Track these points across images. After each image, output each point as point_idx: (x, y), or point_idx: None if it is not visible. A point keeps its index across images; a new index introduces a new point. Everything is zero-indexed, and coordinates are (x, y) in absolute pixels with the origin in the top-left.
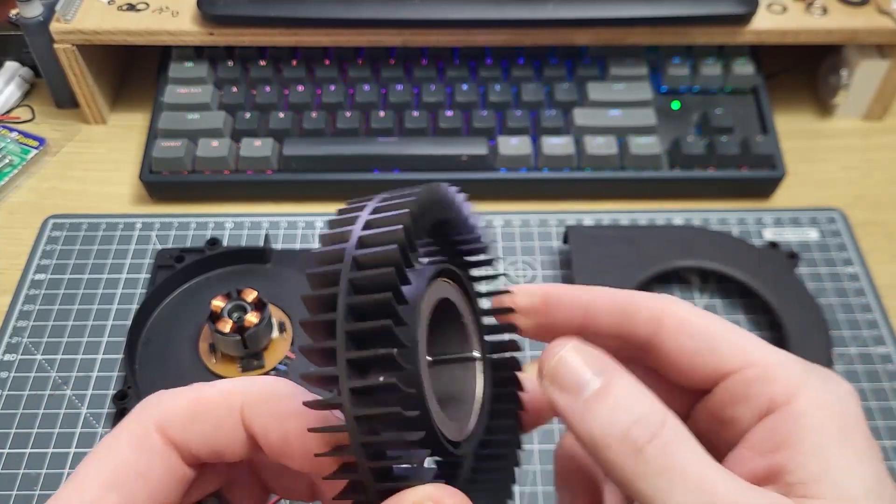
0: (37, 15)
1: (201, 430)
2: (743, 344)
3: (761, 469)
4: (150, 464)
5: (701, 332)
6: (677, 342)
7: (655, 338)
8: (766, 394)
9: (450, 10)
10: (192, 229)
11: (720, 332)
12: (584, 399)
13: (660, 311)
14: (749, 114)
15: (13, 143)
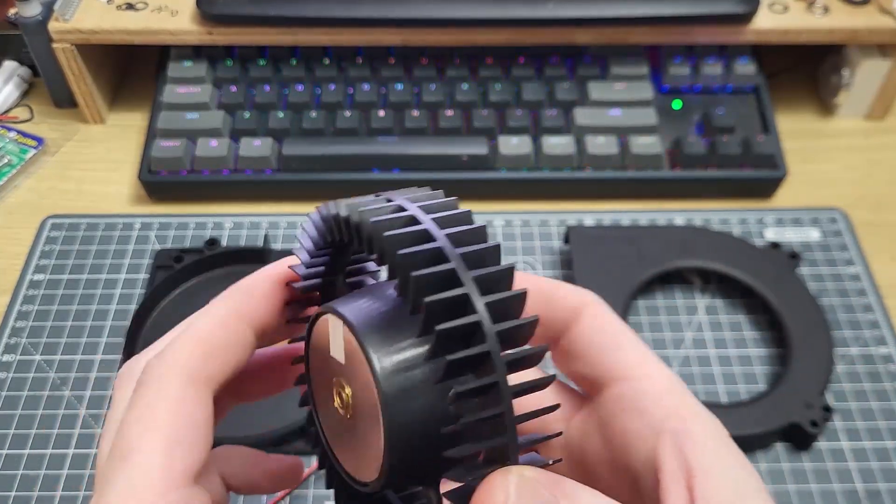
0: (35, 14)
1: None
2: (647, 357)
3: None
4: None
5: (614, 332)
6: (589, 334)
7: (572, 325)
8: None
9: (450, 9)
10: (191, 229)
11: (630, 338)
12: None
13: (581, 303)
14: (750, 113)
15: (12, 143)
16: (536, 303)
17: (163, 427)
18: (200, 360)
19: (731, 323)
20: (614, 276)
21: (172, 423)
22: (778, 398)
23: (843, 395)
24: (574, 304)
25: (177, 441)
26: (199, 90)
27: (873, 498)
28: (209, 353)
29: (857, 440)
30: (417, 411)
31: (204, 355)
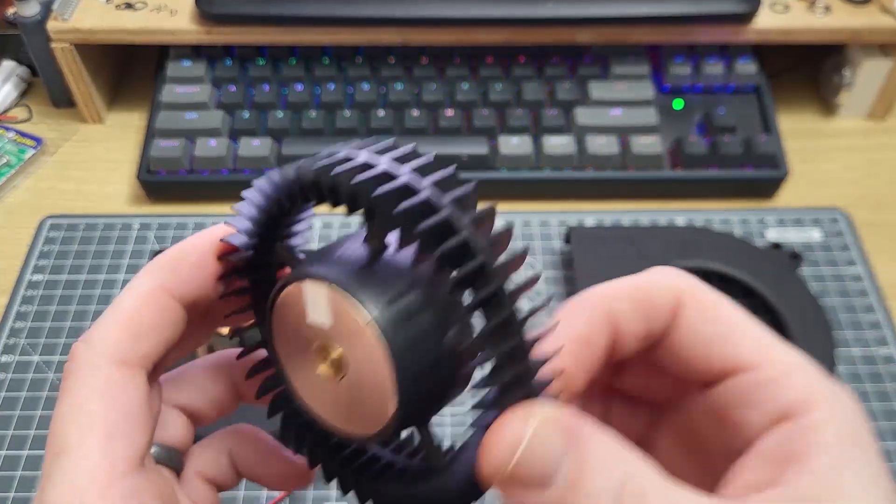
0: (34, 14)
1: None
2: (764, 341)
3: (766, 480)
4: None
5: (723, 320)
6: (696, 327)
7: (674, 322)
8: (780, 400)
9: (450, 8)
10: (190, 229)
11: (742, 324)
12: (559, 492)
13: (678, 298)
14: (751, 113)
15: (10, 143)
16: (631, 309)
17: (97, 419)
18: (129, 342)
19: None
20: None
21: (106, 413)
22: None
23: None
24: (671, 299)
25: (113, 432)
26: (198, 90)
27: None
28: (138, 334)
29: None
30: (423, 353)
31: (132, 336)
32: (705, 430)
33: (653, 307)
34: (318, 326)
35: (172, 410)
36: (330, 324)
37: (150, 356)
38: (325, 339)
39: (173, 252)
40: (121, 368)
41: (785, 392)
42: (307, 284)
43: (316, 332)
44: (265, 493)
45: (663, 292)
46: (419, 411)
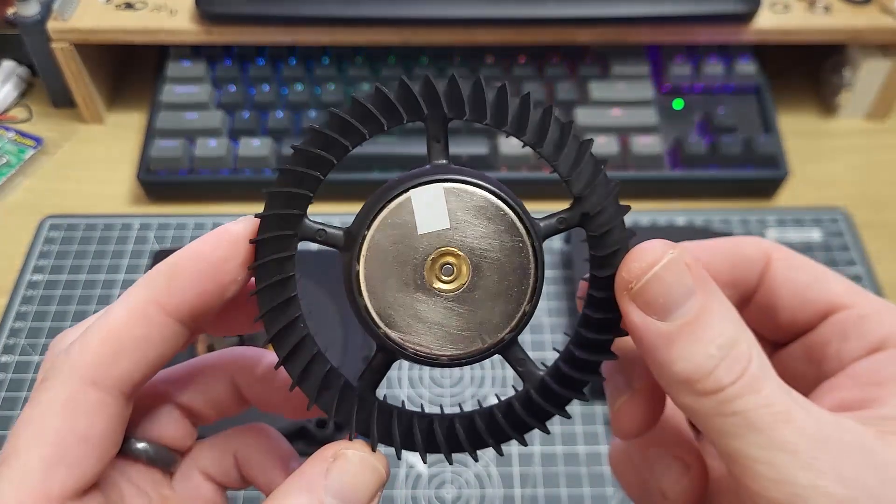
0: (34, 14)
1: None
2: (851, 284)
3: (856, 398)
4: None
5: (811, 267)
6: (788, 276)
7: (766, 274)
8: (878, 332)
9: (450, 8)
10: (189, 229)
11: (828, 273)
12: (672, 326)
13: (766, 249)
14: (752, 113)
15: (10, 143)
16: (725, 268)
17: (50, 438)
18: (108, 360)
19: None
20: None
21: (62, 433)
22: None
23: None
24: (760, 255)
25: (62, 456)
26: (197, 90)
27: None
28: (119, 351)
29: None
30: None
31: (111, 355)
32: (800, 372)
33: (743, 260)
34: (436, 231)
35: (170, 408)
36: (448, 225)
37: (130, 377)
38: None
39: (170, 262)
40: (91, 389)
41: (881, 326)
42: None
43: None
44: None
45: (752, 248)
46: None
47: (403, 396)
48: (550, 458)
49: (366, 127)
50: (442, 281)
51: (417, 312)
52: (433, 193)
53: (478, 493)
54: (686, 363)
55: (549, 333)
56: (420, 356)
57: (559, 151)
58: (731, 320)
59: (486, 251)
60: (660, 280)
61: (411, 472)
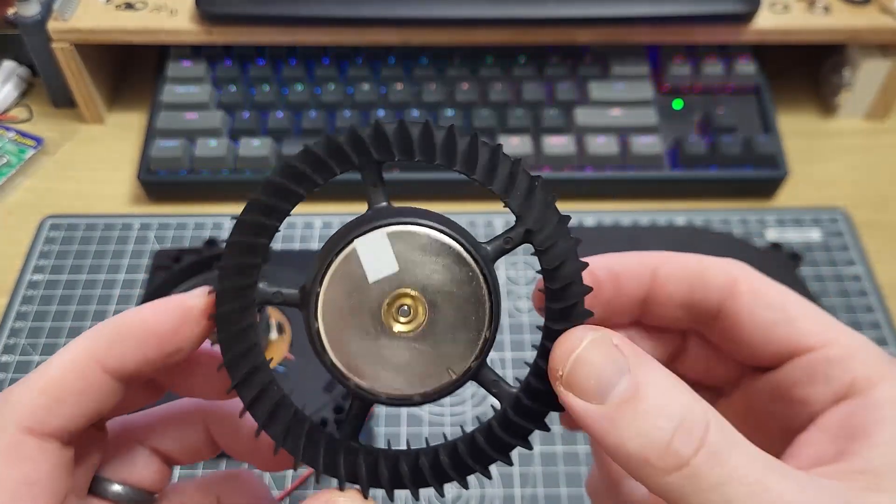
0: (34, 14)
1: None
2: (823, 321)
3: (829, 453)
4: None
5: (779, 303)
6: (752, 311)
7: (728, 305)
8: (845, 377)
9: (450, 9)
10: (190, 229)
11: (799, 306)
12: (611, 406)
13: (733, 278)
14: (751, 113)
15: (10, 143)
16: (681, 287)
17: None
18: (44, 410)
19: None
20: None
21: (7, 481)
22: None
23: None
24: (724, 281)
25: (10, 501)
26: (198, 90)
27: None
28: (55, 403)
29: None
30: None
31: (49, 404)
32: (764, 409)
33: (703, 282)
34: (382, 276)
35: (143, 450)
36: (396, 269)
37: (68, 426)
38: (400, 287)
39: (117, 323)
40: (30, 436)
41: (848, 370)
42: (369, 237)
43: (382, 286)
44: None
45: (716, 272)
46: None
47: (403, 416)
48: (550, 458)
49: (301, 187)
50: (401, 323)
51: (383, 358)
52: (377, 240)
53: (478, 493)
54: (637, 440)
55: (529, 333)
56: (394, 399)
57: (493, 175)
58: (675, 390)
59: (438, 287)
60: (585, 363)
61: None
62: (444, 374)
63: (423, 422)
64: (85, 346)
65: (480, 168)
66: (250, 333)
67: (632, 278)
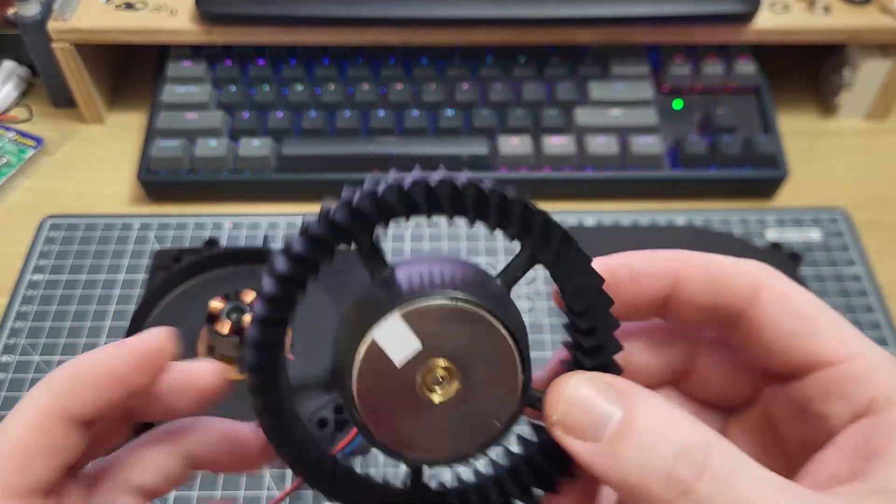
0: (34, 14)
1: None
2: (846, 335)
3: (846, 472)
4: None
5: (803, 313)
6: (775, 319)
7: (750, 312)
8: (865, 395)
9: (450, 9)
10: (190, 229)
11: (822, 316)
12: (608, 442)
13: (758, 283)
14: (751, 113)
15: (10, 143)
16: (703, 290)
17: None
18: (16, 474)
19: None
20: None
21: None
22: None
23: None
24: (748, 285)
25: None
26: (198, 90)
27: None
28: (26, 463)
29: None
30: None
31: (20, 467)
32: (781, 424)
33: (725, 284)
34: (411, 357)
35: (125, 489)
36: (419, 346)
37: (42, 482)
38: (423, 370)
39: (73, 369)
40: (9, 500)
41: (869, 388)
42: (378, 332)
43: (411, 367)
44: (265, 492)
45: (741, 275)
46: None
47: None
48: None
49: (305, 273)
50: (438, 393)
51: (432, 428)
52: (393, 326)
53: None
54: (638, 472)
55: (549, 334)
56: (451, 460)
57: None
58: (672, 417)
59: (463, 349)
60: (577, 402)
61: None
62: (493, 426)
63: None
64: (43, 399)
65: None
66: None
67: (652, 278)
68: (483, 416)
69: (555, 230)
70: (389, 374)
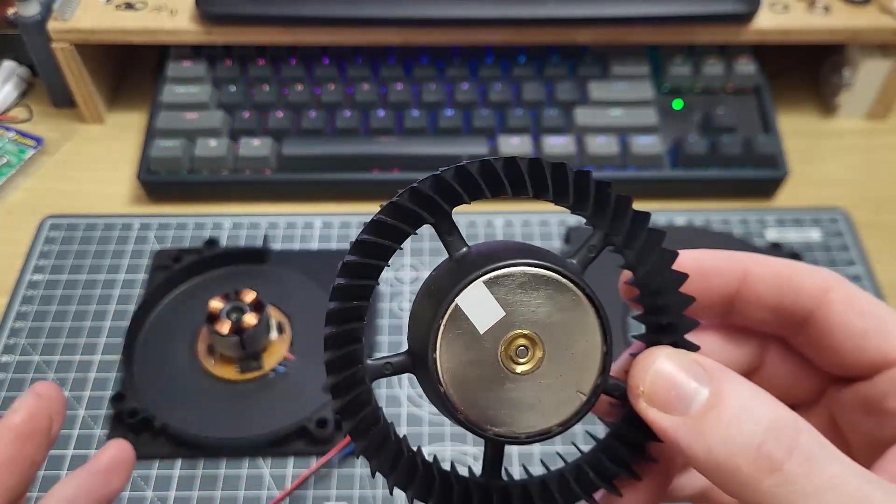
0: (34, 14)
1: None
2: None
3: None
4: None
5: (872, 312)
6: (845, 319)
7: (819, 312)
8: None
9: (450, 8)
10: (190, 229)
11: (892, 317)
12: (695, 416)
13: (826, 285)
14: (751, 113)
15: (10, 143)
16: (772, 290)
17: None
18: None
19: None
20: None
21: None
22: None
23: None
24: (817, 288)
25: None
26: (198, 90)
27: None
28: None
29: None
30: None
31: None
32: (851, 422)
33: (794, 286)
34: (495, 324)
35: None
36: (503, 313)
37: None
38: (507, 337)
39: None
40: None
41: None
42: (463, 297)
43: (494, 333)
44: (265, 492)
45: (810, 278)
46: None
47: (403, 416)
48: (551, 458)
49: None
50: (521, 363)
51: (513, 400)
52: (477, 292)
53: None
54: (726, 447)
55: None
56: (533, 436)
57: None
58: (760, 396)
59: (546, 318)
60: (664, 375)
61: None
62: (576, 398)
63: (422, 422)
64: None
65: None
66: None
67: (721, 276)
68: (567, 389)
69: (628, 210)
70: (473, 343)
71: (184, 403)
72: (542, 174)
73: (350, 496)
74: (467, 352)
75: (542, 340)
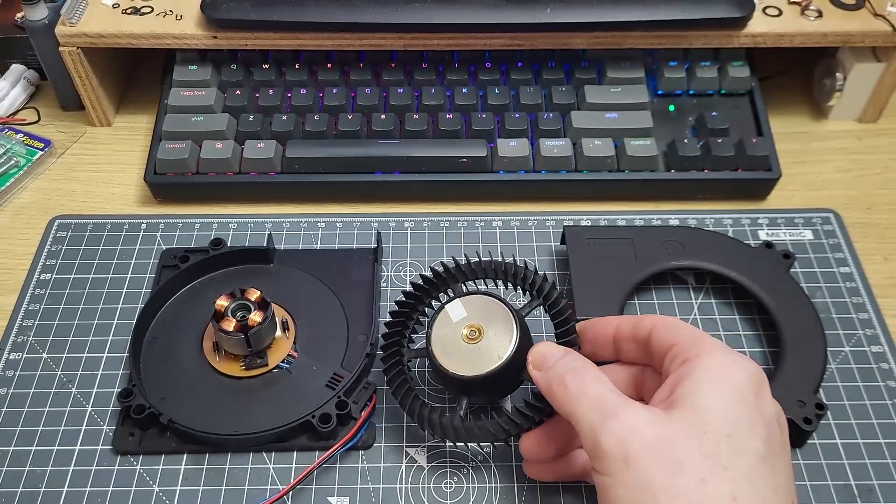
0: (42, 18)
1: None
2: (686, 332)
3: (666, 393)
4: None
5: (670, 327)
6: (659, 333)
7: (651, 333)
8: (682, 356)
9: (450, 15)
10: (196, 230)
11: (684, 328)
12: (549, 367)
13: (655, 320)
14: (744, 116)
15: (19, 145)
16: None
17: None
18: None
19: (725, 322)
20: (610, 276)
21: None
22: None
23: (836, 392)
24: (652, 322)
25: None
26: (204, 93)
27: (866, 493)
28: None
29: (851, 437)
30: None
31: None
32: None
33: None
34: (460, 319)
35: None
36: (466, 314)
37: None
38: (471, 324)
39: None
40: None
41: (682, 352)
42: (456, 303)
43: (459, 326)
44: (269, 487)
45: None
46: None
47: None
48: None
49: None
50: (471, 339)
51: (466, 357)
52: (455, 303)
53: (476, 487)
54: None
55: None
56: (475, 378)
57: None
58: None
59: (488, 318)
60: (538, 351)
61: (412, 466)
62: (495, 360)
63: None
64: None
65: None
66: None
67: (599, 330)
68: (493, 354)
69: (553, 290)
70: (448, 326)
71: (190, 400)
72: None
73: (353, 490)
74: (446, 330)
75: (483, 330)
